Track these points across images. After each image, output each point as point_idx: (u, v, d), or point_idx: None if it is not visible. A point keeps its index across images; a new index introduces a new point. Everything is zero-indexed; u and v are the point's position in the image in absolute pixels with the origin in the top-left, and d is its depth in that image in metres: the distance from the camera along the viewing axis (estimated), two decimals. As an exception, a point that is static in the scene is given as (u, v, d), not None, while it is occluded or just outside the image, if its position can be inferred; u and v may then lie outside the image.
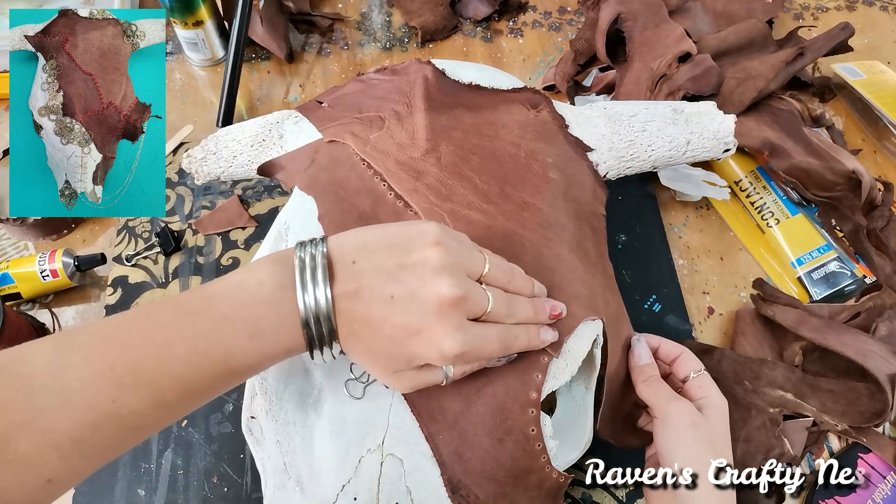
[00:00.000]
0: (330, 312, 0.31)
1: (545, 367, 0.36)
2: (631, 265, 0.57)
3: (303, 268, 0.31)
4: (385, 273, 0.32)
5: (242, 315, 0.30)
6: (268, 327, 0.30)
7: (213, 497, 0.46)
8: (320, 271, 0.31)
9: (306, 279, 0.31)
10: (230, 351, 0.30)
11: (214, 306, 0.30)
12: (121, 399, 0.28)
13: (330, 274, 0.31)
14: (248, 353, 0.30)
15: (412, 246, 0.32)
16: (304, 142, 0.48)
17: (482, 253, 0.35)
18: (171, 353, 0.29)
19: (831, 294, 0.56)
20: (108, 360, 0.28)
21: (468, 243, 0.35)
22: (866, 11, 0.83)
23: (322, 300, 0.31)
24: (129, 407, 0.28)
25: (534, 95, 0.50)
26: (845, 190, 0.58)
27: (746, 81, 0.61)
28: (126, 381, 0.28)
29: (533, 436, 0.35)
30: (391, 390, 0.37)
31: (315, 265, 0.31)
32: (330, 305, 0.31)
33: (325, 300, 0.31)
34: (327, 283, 0.31)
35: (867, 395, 0.47)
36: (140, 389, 0.28)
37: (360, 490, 0.34)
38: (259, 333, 0.30)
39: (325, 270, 0.31)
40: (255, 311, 0.30)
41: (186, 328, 0.30)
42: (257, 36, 0.72)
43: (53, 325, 0.55)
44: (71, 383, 0.28)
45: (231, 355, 0.30)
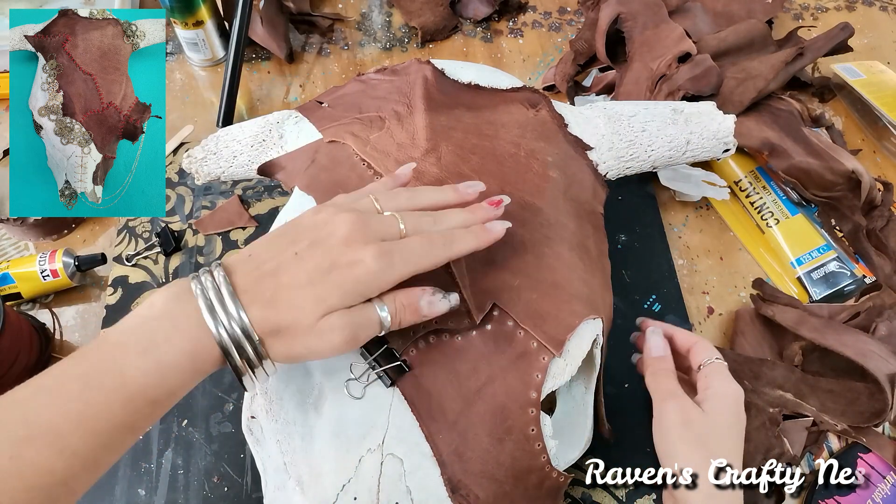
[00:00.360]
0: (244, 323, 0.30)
1: (545, 367, 0.36)
2: (631, 265, 0.58)
3: (204, 293, 0.30)
4: (281, 245, 0.32)
5: (133, 336, 0.29)
6: (160, 337, 0.29)
7: (213, 497, 0.46)
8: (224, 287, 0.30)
9: (211, 301, 0.30)
10: (124, 374, 0.28)
11: (106, 338, 0.29)
12: (18, 454, 0.26)
13: (229, 276, 0.31)
14: (142, 368, 0.28)
15: (299, 219, 0.34)
16: (304, 142, 0.48)
17: (367, 196, 0.35)
18: (65, 394, 0.27)
19: (831, 294, 0.56)
20: (2, 418, 0.27)
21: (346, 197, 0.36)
22: (866, 11, 0.83)
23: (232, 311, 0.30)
24: (30, 461, 0.26)
25: (533, 95, 0.50)
26: (845, 190, 0.58)
27: (746, 81, 0.61)
28: (20, 432, 0.26)
29: (533, 435, 0.35)
30: (391, 390, 0.37)
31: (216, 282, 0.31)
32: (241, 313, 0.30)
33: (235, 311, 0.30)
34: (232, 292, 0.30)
35: (867, 394, 0.47)
36: (36, 439, 0.26)
37: (361, 490, 0.34)
38: (151, 346, 0.29)
39: (227, 283, 0.30)
40: (146, 328, 0.29)
41: (77, 366, 0.28)
42: (257, 36, 0.72)
43: (54, 325, 0.55)
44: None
45: (126, 377, 0.28)
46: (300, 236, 0.32)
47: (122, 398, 0.28)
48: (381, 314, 0.32)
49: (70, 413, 0.27)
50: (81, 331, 0.55)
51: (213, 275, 0.31)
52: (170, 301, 0.30)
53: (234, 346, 0.30)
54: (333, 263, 0.31)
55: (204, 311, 0.30)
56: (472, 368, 0.36)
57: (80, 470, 0.27)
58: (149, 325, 0.30)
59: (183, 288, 0.31)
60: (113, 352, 0.29)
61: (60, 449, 0.27)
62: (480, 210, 0.36)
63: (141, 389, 0.28)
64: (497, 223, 0.35)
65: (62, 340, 0.55)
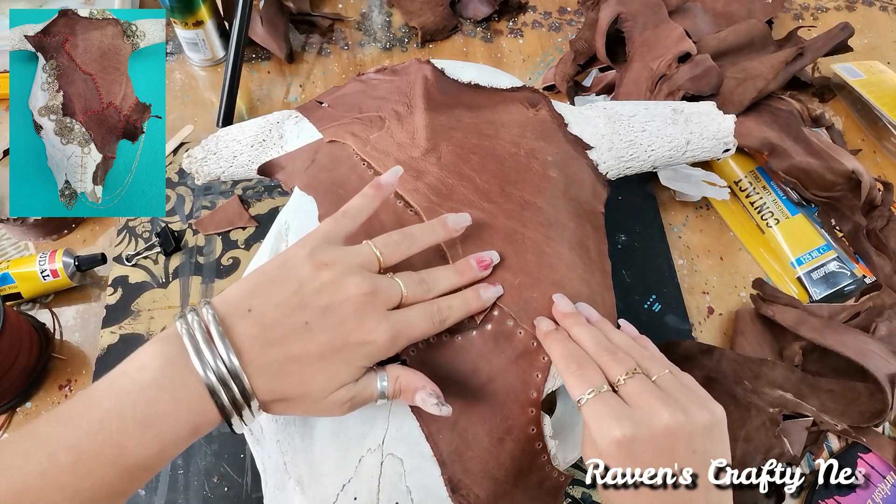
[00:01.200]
0: (237, 370, 0.29)
1: (545, 367, 0.36)
2: (631, 265, 0.58)
3: (192, 335, 0.29)
4: (287, 306, 0.31)
5: (128, 405, 0.27)
6: (161, 411, 0.28)
7: (213, 497, 0.46)
8: (214, 329, 0.29)
9: (200, 346, 0.28)
10: (122, 447, 0.27)
11: (96, 404, 0.28)
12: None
13: (226, 332, 0.29)
14: (143, 444, 0.27)
15: (293, 273, 0.32)
16: (304, 142, 0.48)
17: (364, 245, 0.34)
18: (55, 465, 0.26)
19: (831, 294, 0.56)
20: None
21: (339, 240, 0.34)
22: (866, 11, 0.83)
23: (225, 358, 0.28)
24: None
25: (532, 94, 0.50)
26: (845, 190, 0.58)
27: (746, 81, 0.61)
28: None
29: (533, 435, 0.35)
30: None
31: (206, 326, 0.29)
32: (235, 363, 0.29)
33: (228, 359, 0.28)
34: (225, 339, 0.29)
35: (867, 394, 0.47)
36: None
37: (361, 490, 0.34)
38: (152, 420, 0.27)
39: (219, 326, 0.29)
40: (143, 398, 0.28)
41: (69, 435, 0.27)
42: (257, 36, 0.72)
43: (53, 325, 0.55)
44: None
45: (125, 451, 0.27)
46: (308, 300, 0.31)
47: (120, 472, 0.27)
48: (380, 385, 0.33)
49: (64, 488, 0.26)
50: (81, 331, 0.55)
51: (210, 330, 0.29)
52: (166, 366, 0.28)
53: (234, 410, 0.29)
54: (346, 342, 0.31)
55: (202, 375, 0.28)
56: (472, 368, 0.36)
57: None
58: (146, 394, 0.28)
59: (175, 348, 0.29)
60: (109, 424, 0.27)
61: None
62: (469, 272, 0.37)
63: (139, 461, 0.28)
64: (490, 291, 0.36)
65: (62, 340, 0.55)
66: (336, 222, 0.35)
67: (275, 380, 0.30)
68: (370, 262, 0.34)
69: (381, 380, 0.33)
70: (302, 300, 0.31)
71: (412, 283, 0.34)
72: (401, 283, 0.34)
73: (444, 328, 0.35)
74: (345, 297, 0.31)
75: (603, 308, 0.40)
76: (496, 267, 0.38)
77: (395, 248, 0.35)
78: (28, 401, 0.52)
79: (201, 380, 0.28)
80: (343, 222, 0.35)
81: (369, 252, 0.34)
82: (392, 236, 0.35)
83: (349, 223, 0.35)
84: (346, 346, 0.31)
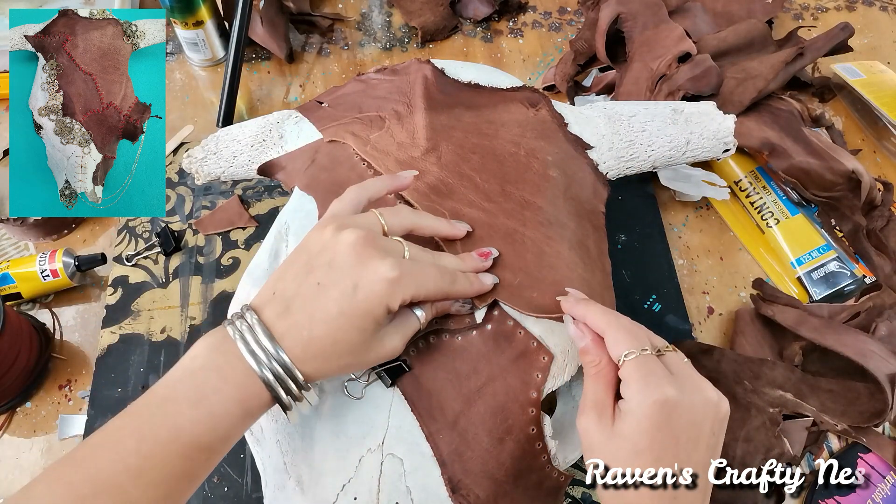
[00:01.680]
0: (284, 361, 0.31)
1: (545, 367, 0.36)
2: (631, 265, 0.58)
3: (242, 336, 0.31)
4: (301, 274, 0.33)
5: (182, 389, 0.30)
6: (209, 389, 0.30)
7: (213, 497, 0.46)
8: (258, 328, 0.31)
9: (249, 344, 0.31)
10: (178, 425, 0.29)
11: (154, 393, 0.31)
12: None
13: (261, 318, 0.32)
14: (196, 420, 0.29)
15: (307, 243, 0.34)
16: (304, 142, 0.48)
17: (369, 213, 0.35)
18: (122, 450, 0.29)
19: (831, 294, 0.56)
20: (67, 478, 0.28)
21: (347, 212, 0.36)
22: (866, 11, 0.83)
23: (270, 351, 0.31)
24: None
25: (532, 94, 0.50)
26: (845, 190, 0.58)
27: (746, 81, 0.61)
28: (85, 490, 0.28)
29: (533, 435, 0.35)
30: (391, 390, 0.37)
31: (251, 324, 0.31)
32: (280, 352, 0.31)
33: (274, 350, 0.31)
34: (267, 333, 0.31)
35: (867, 394, 0.47)
36: (101, 495, 0.28)
37: (361, 490, 0.34)
38: (202, 398, 0.30)
39: (261, 324, 0.31)
40: (194, 381, 0.30)
41: (132, 422, 0.30)
42: (257, 36, 0.72)
43: (54, 325, 0.55)
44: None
45: (180, 430, 0.29)
46: (314, 262, 0.33)
47: (178, 449, 0.29)
48: (419, 315, 0.34)
49: (130, 468, 0.28)
50: (81, 331, 0.55)
51: (246, 319, 0.32)
52: (213, 352, 0.31)
53: (279, 384, 0.31)
54: (356, 286, 0.31)
55: (246, 355, 0.31)
56: (472, 368, 0.36)
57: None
58: (196, 377, 0.30)
59: (219, 337, 0.32)
60: (164, 406, 0.30)
61: (124, 503, 0.28)
62: (470, 259, 0.37)
63: (195, 439, 0.29)
64: (487, 276, 0.37)
65: (62, 340, 0.55)
66: (340, 200, 0.37)
67: (308, 347, 0.31)
68: (373, 223, 0.35)
69: (418, 311, 0.34)
70: (310, 264, 0.33)
71: (415, 248, 0.35)
72: (404, 245, 0.34)
73: (452, 294, 0.35)
74: (343, 247, 0.32)
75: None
76: (496, 266, 0.38)
77: (400, 218, 0.36)
78: (28, 401, 0.52)
79: (244, 359, 0.30)
80: (347, 196, 0.37)
81: (372, 216, 0.35)
82: (400, 209, 0.37)
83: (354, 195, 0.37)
84: (357, 294, 0.31)
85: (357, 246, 0.32)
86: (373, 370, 0.37)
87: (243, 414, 0.31)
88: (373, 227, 0.34)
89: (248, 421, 0.31)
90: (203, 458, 0.30)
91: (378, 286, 0.31)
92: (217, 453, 0.31)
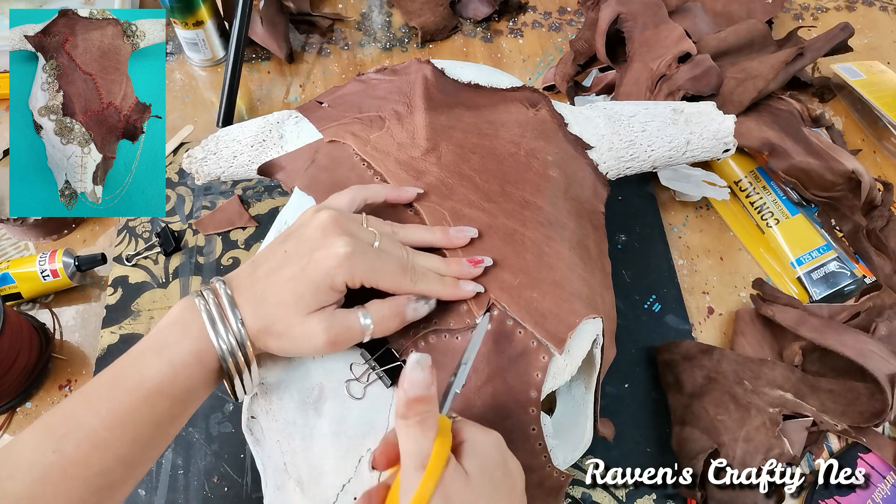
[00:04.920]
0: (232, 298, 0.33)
1: (545, 367, 0.36)
2: (631, 265, 0.58)
3: (204, 295, 0.34)
4: (276, 243, 0.36)
5: (151, 341, 0.33)
6: (172, 341, 0.33)
7: (213, 497, 0.46)
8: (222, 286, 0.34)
9: (208, 301, 0.33)
10: (142, 374, 0.32)
11: (133, 347, 0.33)
12: (60, 449, 0.30)
13: (229, 281, 0.35)
14: (157, 368, 0.32)
15: (295, 221, 0.37)
16: (304, 142, 0.48)
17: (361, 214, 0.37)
18: (96, 396, 0.32)
19: (831, 294, 0.56)
20: (46, 421, 0.31)
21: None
22: (866, 11, 0.83)
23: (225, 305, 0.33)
24: (69, 455, 0.30)
25: (532, 94, 0.50)
26: (845, 190, 0.58)
27: (746, 82, 0.61)
28: (60, 430, 0.31)
29: (533, 435, 0.35)
30: (392, 390, 0.37)
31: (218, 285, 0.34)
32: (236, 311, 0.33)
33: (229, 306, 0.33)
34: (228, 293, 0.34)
35: (867, 395, 0.47)
36: (74, 434, 0.30)
37: (361, 490, 0.34)
38: (163, 348, 0.33)
39: (226, 284, 0.34)
40: (162, 333, 0.33)
41: (109, 372, 0.33)
42: (257, 36, 0.72)
43: (54, 325, 0.55)
44: (18, 451, 0.30)
45: (144, 377, 0.32)
46: (289, 233, 0.36)
47: (142, 395, 0.32)
48: (363, 321, 0.34)
49: (101, 411, 0.31)
50: (81, 331, 0.55)
51: (215, 283, 0.34)
52: (183, 310, 0.34)
53: (228, 353, 0.33)
54: (310, 259, 0.33)
55: (202, 310, 0.33)
56: (472, 368, 0.36)
57: (114, 463, 0.31)
58: (164, 330, 0.33)
59: (190, 298, 0.34)
60: (135, 356, 0.33)
61: (95, 444, 0.30)
62: (457, 264, 0.37)
63: (157, 386, 0.32)
64: (469, 285, 0.37)
65: (62, 340, 0.55)
66: (339, 194, 0.39)
67: (258, 307, 0.33)
68: (356, 222, 0.36)
69: (363, 317, 0.34)
70: (286, 236, 0.36)
71: (388, 241, 0.36)
72: (376, 234, 0.36)
73: (414, 291, 0.35)
74: (315, 224, 0.35)
75: (603, 308, 0.40)
76: (496, 266, 0.38)
77: (381, 222, 0.38)
78: (28, 401, 0.52)
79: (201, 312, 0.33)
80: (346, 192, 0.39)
81: (358, 217, 0.37)
82: (389, 221, 0.39)
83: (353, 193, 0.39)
84: (309, 264, 0.33)
85: (326, 223, 0.34)
86: (373, 370, 0.37)
87: (199, 366, 0.33)
88: (350, 213, 0.37)
89: (207, 378, 0.33)
90: (166, 404, 0.32)
91: (328, 260, 0.33)
92: (180, 403, 0.33)
